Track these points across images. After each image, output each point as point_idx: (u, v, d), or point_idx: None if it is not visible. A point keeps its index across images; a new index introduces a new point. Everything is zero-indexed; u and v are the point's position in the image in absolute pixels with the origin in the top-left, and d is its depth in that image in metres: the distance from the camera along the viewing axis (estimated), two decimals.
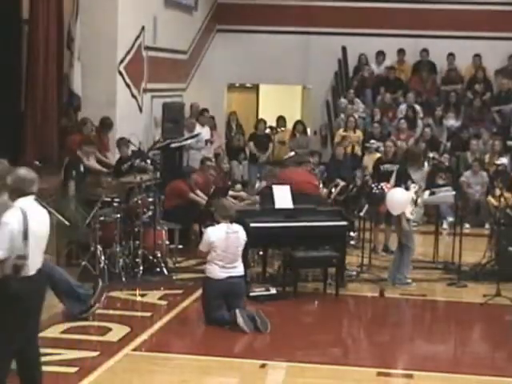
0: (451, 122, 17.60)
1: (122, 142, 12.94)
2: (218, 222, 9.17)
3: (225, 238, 8.99)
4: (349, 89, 18.25)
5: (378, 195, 11.56)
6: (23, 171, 6.32)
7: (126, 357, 8.00)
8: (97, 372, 7.54)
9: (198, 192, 12.74)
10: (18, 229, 5.95)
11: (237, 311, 8.79)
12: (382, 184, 11.72)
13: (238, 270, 9.08)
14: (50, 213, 9.47)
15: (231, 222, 9.14)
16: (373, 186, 11.75)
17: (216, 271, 8.98)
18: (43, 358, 7.30)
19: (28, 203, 6.16)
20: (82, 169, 11.71)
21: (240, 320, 8.74)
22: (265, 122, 17.84)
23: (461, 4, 18.42)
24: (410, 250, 11.21)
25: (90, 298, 9.17)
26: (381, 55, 18.69)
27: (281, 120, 17.80)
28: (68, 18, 13.00)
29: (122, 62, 13.82)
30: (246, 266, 10.66)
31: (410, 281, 11.12)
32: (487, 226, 14.45)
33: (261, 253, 11.37)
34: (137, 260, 10.98)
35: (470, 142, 16.71)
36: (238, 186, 14.72)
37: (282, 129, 17.72)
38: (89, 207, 10.87)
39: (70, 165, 11.64)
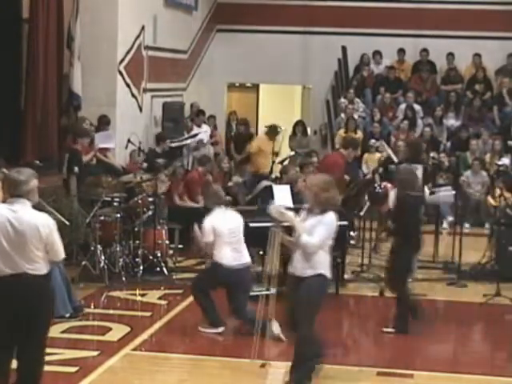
0: (451, 121, 17.60)
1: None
2: (210, 211, 8.97)
3: (225, 221, 8.82)
4: (349, 88, 18.25)
5: (380, 194, 11.56)
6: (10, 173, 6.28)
7: (126, 356, 8.01)
8: (97, 372, 7.56)
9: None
10: None
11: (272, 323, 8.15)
12: (384, 183, 11.74)
13: (245, 257, 8.85)
14: (49, 213, 9.54)
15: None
16: (375, 185, 11.75)
17: (227, 256, 8.69)
18: None
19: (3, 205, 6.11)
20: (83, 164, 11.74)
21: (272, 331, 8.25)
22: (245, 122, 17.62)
23: (461, 4, 18.42)
24: None
25: (80, 309, 9.19)
26: (377, 55, 18.68)
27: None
28: (68, 17, 13.00)
29: (122, 61, 13.82)
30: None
31: None
32: (487, 225, 14.45)
33: (261, 253, 11.34)
34: (137, 260, 10.99)
35: (469, 142, 16.70)
36: None
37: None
38: (89, 207, 10.88)
39: (71, 161, 11.60)
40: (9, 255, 6.01)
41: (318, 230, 6.95)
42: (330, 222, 7.02)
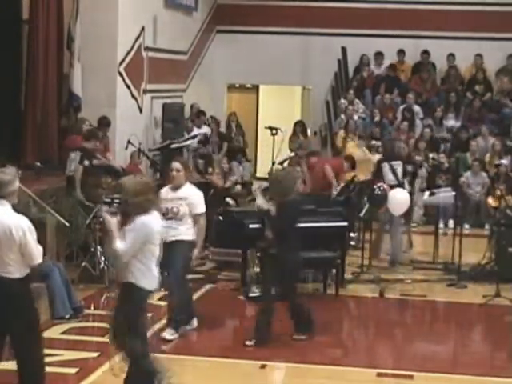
0: (451, 122, 17.60)
1: None
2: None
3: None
4: (348, 89, 18.24)
5: (380, 196, 11.58)
6: None
7: None
8: (97, 373, 7.56)
9: None
10: None
11: None
12: (381, 184, 11.77)
13: None
14: (49, 214, 9.54)
15: None
16: (374, 187, 11.76)
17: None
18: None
19: None
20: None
21: None
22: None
23: (460, 5, 18.42)
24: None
25: (80, 310, 9.20)
26: (379, 56, 18.68)
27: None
28: (68, 18, 13.00)
29: (122, 62, 13.82)
30: (246, 266, 10.69)
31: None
32: (487, 226, 14.45)
33: (258, 254, 11.33)
34: None
35: (469, 143, 16.71)
36: (238, 187, 14.73)
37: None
38: (88, 207, 10.88)
39: (83, 158, 11.53)
40: None
41: (127, 237, 6.37)
42: (138, 227, 6.38)
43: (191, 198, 8.66)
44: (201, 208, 8.70)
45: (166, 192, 8.79)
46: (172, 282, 8.69)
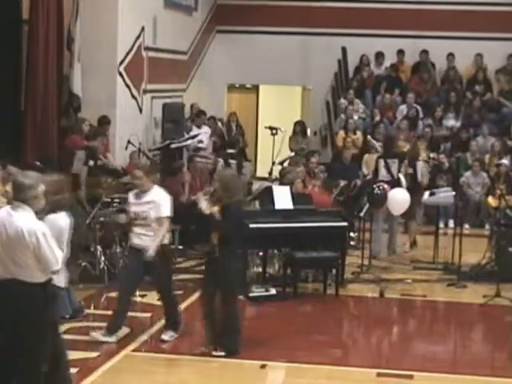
0: (451, 122, 17.59)
1: None
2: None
3: None
4: (349, 89, 18.24)
5: (380, 196, 11.58)
6: (17, 176, 6.04)
7: (126, 357, 8.00)
8: (97, 373, 7.57)
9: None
10: None
11: None
12: (381, 184, 11.78)
13: None
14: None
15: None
16: (374, 186, 11.77)
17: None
18: None
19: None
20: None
21: None
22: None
23: (460, 5, 18.42)
24: None
25: (80, 310, 9.20)
26: (380, 56, 18.67)
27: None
28: (68, 18, 13.00)
29: (122, 62, 13.82)
30: (245, 266, 10.67)
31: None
32: (487, 226, 14.45)
33: (261, 253, 11.35)
34: None
35: (469, 143, 16.70)
36: None
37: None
38: (89, 207, 10.89)
39: (88, 156, 11.55)
40: (2, 259, 5.91)
41: None
42: (49, 226, 6.24)
43: (158, 201, 8.49)
44: (166, 211, 8.47)
45: (133, 196, 8.70)
46: (161, 288, 8.71)
